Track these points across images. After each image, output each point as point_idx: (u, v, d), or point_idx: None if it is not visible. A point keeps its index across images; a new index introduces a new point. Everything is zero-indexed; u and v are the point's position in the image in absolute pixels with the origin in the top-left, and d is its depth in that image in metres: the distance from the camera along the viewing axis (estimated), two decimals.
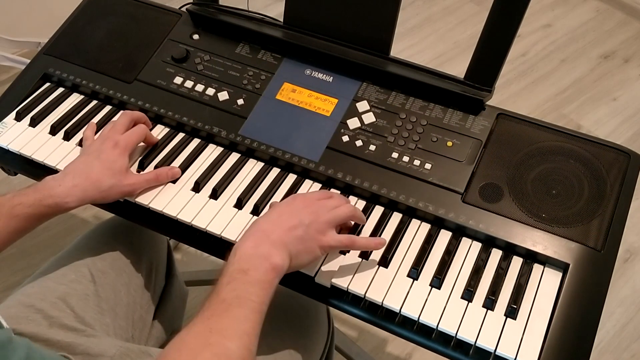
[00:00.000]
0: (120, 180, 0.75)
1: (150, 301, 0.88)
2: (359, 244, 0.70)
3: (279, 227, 0.65)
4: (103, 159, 0.75)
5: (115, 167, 0.75)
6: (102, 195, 0.74)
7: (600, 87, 1.97)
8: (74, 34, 0.97)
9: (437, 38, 2.14)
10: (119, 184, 0.75)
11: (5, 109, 0.91)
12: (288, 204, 0.68)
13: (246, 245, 0.63)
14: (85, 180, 0.73)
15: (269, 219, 0.67)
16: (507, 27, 0.77)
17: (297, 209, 0.67)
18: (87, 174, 0.73)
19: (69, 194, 0.72)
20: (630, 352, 1.37)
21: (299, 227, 0.65)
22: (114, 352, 0.71)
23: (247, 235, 0.65)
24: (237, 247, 0.63)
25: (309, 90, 0.87)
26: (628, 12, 2.23)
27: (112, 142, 0.77)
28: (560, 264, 0.71)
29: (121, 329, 0.80)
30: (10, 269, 1.47)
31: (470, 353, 0.67)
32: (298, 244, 0.65)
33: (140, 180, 0.77)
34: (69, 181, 0.72)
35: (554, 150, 0.78)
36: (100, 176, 0.74)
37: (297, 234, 0.65)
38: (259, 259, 0.62)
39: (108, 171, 0.74)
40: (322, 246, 0.67)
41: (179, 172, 0.81)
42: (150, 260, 0.91)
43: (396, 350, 1.36)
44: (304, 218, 0.66)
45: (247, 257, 0.62)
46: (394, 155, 0.80)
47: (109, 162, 0.75)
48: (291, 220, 0.66)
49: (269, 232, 0.64)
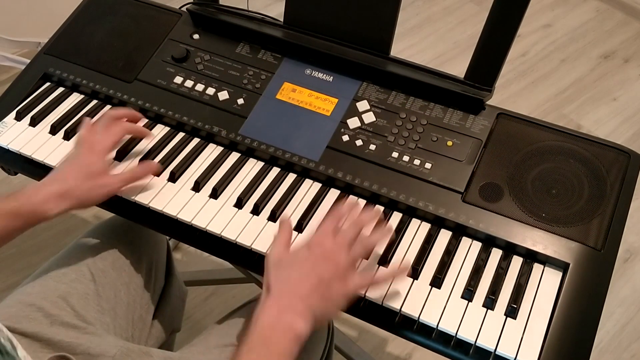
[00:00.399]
0: (96, 182, 0.74)
1: (150, 301, 0.88)
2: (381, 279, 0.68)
3: (300, 290, 0.62)
4: (79, 163, 0.74)
5: (91, 171, 0.74)
6: (80, 200, 0.73)
7: (600, 87, 1.97)
8: (74, 33, 0.97)
9: (437, 38, 2.14)
10: (95, 186, 0.74)
11: (5, 108, 0.91)
12: (306, 259, 0.65)
13: (269, 312, 0.61)
14: (62, 186, 0.72)
15: (289, 279, 0.63)
16: (507, 27, 0.77)
17: (316, 262, 0.64)
18: (63, 180, 0.73)
19: (47, 201, 0.70)
20: (630, 352, 1.37)
21: (320, 284, 0.62)
22: (115, 352, 0.71)
23: (270, 302, 0.62)
24: (259, 313, 0.61)
25: (309, 90, 0.87)
26: (628, 12, 2.23)
27: (88, 145, 0.76)
28: (561, 263, 0.71)
29: (121, 328, 0.80)
30: (10, 269, 1.47)
31: (470, 353, 0.67)
32: (321, 302, 0.62)
33: (116, 180, 0.76)
34: (46, 188, 0.71)
35: (554, 150, 0.78)
36: (77, 181, 0.73)
37: (320, 293, 0.62)
38: (283, 328, 0.59)
39: (83, 175, 0.73)
40: (345, 295, 0.64)
41: (157, 167, 0.80)
42: (151, 260, 0.91)
43: (396, 350, 1.36)
44: (324, 273, 0.63)
45: (271, 327, 0.59)
46: (394, 155, 0.80)
47: (85, 166, 0.74)
48: (311, 279, 0.63)
49: (291, 296, 0.62)
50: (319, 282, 0.63)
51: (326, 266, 0.64)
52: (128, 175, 0.78)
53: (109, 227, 0.89)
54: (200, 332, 0.82)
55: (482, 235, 0.74)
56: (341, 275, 0.64)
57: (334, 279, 0.63)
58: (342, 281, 0.64)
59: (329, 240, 0.66)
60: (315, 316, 0.62)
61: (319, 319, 0.62)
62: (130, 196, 0.79)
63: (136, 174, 0.78)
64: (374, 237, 0.69)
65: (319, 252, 0.65)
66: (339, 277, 0.64)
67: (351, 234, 0.67)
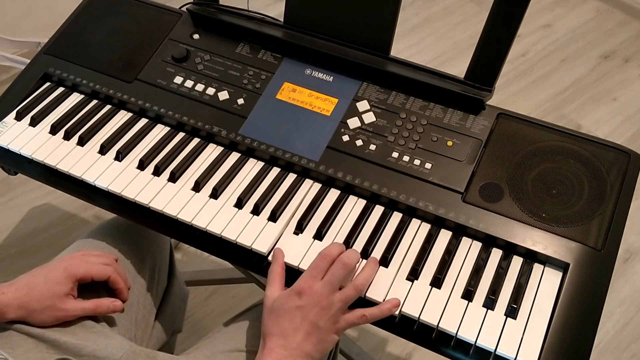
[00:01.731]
0: (56, 304, 0.72)
1: (153, 302, 0.88)
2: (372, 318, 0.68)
3: (295, 339, 0.64)
4: (49, 279, 0.73)
5: (55, 290, 0.72)
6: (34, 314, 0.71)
7: (600, 87, 1.97)
8: (74, 33, 0.97)
9: (437, 38, 2.14)
10: (54, 307, 0.72)
11: (5, 108, 0.91)
12: (298, 309, 0.66)
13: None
14: (25, 296, 0.71)
15: (283, 331, 0.65)
16: (507, 27, 0.77)
17: (307, 310, 0.65)
18: (28, 290, 0.71)
19: (8, 305, 0.70)
20: (630, 352, 1.37)
21: (314, 331, 0.65)
22: (121, 355, 0.71)
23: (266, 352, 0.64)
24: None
25: (309, 90, 0.87)
26: (628, 12, 2.23)
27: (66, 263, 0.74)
28: (561, 263, 0.71)
29: (124, 328, 0.80)
30: (10, 269, 1.47)
31: (470, 353, 0.67)
32: (317, 346, 0.65)
33: (76, 307, 0.73)
34: (12, 292, 0.70)
35: (554, 150, 0.78)
36: (39, 296, 0.71)
37: (315, 338, 0.65)
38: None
39: (47, 292, 0.71)
40: (338, 333, 0.67)
41: (120, 306, 0.77)
42: (154, 260, 0.91)
43: (396, 350, 1.36)
44: (316, 319, 0.65)
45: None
46: (394, 155, 0.80)
47: (52, 284, 0.72)
48: (305, 326, 0.65)
49: (288, 348, 0.64)
50: (312, 328, 0.65)
51: (317, 312, 0.65)
52: (91, 306, 0.74)
53: (113, 227, 0.89)
54: (200, 332, 0.82)
55: (482, 235, 0.74)
56: (333, 319, 0.66)
57: (327, 322, 0.65)
58: (334, 324, 0.66)
59: (317, 283, 0.66)
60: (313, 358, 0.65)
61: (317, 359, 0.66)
62: (131, 196, 0.79)
63: (99, 308, 0.75)
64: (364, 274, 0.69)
65: (309, 299, 0.66)
66: (330, 321, 0.66)
67: (339, 274, 0.67)
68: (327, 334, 0.66)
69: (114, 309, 0.77)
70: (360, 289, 0.68)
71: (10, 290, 0.71)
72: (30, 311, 0.71)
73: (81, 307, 0.74)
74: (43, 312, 0.71)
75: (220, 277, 1.39)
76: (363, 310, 0.67)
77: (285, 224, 0.77)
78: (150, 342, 0.88)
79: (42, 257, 1.48)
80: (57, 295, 0.72)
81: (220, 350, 0.75)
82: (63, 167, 0.83)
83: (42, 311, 0.71)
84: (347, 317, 0.67)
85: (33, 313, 0.71)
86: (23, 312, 0.70)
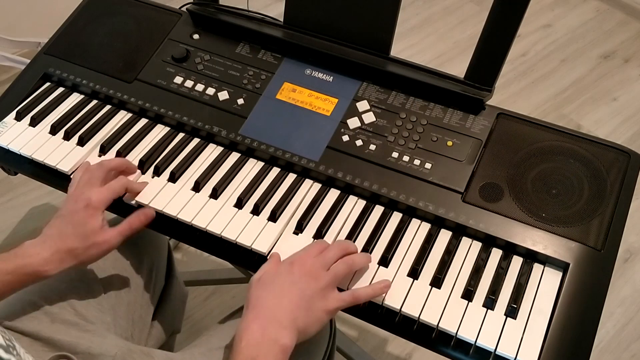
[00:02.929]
0: (94, 241, 0.72)
1: (150, 301, 0.88)
2: (363, 297, 0.68)
3: (282, 304, 0.63)
4: (75, 223, 0.72)
5: (87, 230, 0.72)
6: (80, 259, 0.72)
7: (600, 87, 1.97)
8: (74, 33, 0.97)
9: (437, 38, 2.14)
10: (93, 245, 0.72)
11: (5, 108, 0.91)
12: (287, 274, 0.66)
13: (252, 329, 0.60)
14: (60, 248, 0.71)
15: (270, 294, 0.64)
16: (507, 27, 0.77)
17: (296, 278, 0.65)
18: (62, 241, 0.71)
19: (48, 262, 0.70)
20: (630, 352, 1.37)
21: (302, 299, 0.63)
22: (116, 352, 0.71)
23: (251, 317, 0.62)
24: (242, 331, 0.60)
25: (309, 90, 0.87)
26: (628, 12, 2.23)
27: (84, 202, 0.73)
28: (561, 263, 0.71)
29: (121, 328, 0.80)
30: None
31: (470, 352, 0.67)
32: (305, 317, 0.63)
33: (114, 235, 0.74)
34: (46, 250, 0.70)
35: (554, 150, 0.78)
36: (74, 243, 0.71)
37: (303, 307, 0.63)
38: (268, 344, 0.59)
39: (80, 236, 0.71)
40: (328, 312, 0.65)
41: (152, 214, 0.78)
42: (152, 260, 0.91)
43: (396, 350, 1.36)
44: (305, 288, 0.64)
45: (256, 344, 0.59)
46: (394, 155, 0.80)
47: (81, 226, 0.72)
48: (293, 293, 0.63)
49: (274, 311, 0.62)
50: (301, 297, 0.64)
51: (307, 282, 0.65)
52: (125, 227, 0.75)
53: None
54: (200, 332, 0.82)
55: (482, 235, 0.74)
56: (322, 292, 0.65)
57: (315, 295, 0.64)
58: (323, 298, 0.65)
59: (310, 259, 0.67)
60: (299, 328, 0.62)
61: (302, 333, 0.63)
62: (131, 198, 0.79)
63: (133, 224, 0.76)
64: (357, 257, 0.70)
65: (300, 269, 0.66)
66: (319, 294, 0.65)
67: (333, 255, 0.68)
68: (316, 309, 0.64)
69: (146, 218, 0.77)
70: (350, 265, 0.68)
71: (44, 249, 0.70)
72: (75, 256, 0.71)
73: (117, 232, 0.74)
74: (88, 251, 0.72)
75: (220, 277, 1.39)
76: (354, 289, 0.68)
77: (285, 224, 0.77)
78: (149, 342, 0.88)
79: None
80: (93, 232, 0.72)
81: (216, 347, 0.76)
82: (63, 167, 0.83)
83: (87, 250, 0.72)
84: (337, 295, 0.66)
85: (79, 257, 0.71)
86: (67, 262, 0.71)
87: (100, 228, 0.73)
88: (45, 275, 0.70)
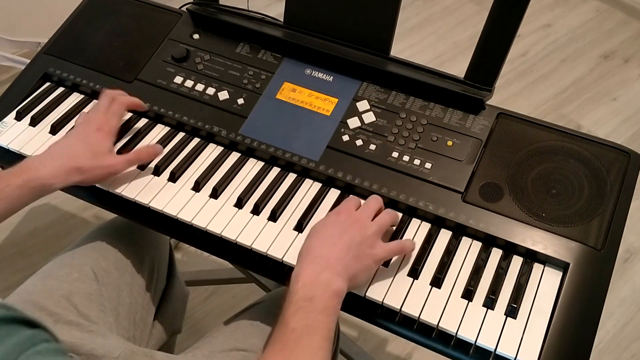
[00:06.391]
0: (102, 161, 0.76)
1: (151, 302, 0.88)
2: (407, 248, 0.71)
3: (333, 251, 0.65)
4: (87, 142, 0.77)
5: (98, 149, 0.77)
6: (85, 176, 0.75)
7: (600, 87, 1.97)
8: (74, 33, 0.97)
9: (437, 38, 2.14)
10: (101, 165, 0.76)
11: (5, 108, 0.91)
12: (335, 223, 0.68)
13: (307, 272, 0.63)
14: (68, 162, 0.74)
15: (322, 242, 0.66)
16: (507, 27, 0.77)
17: (345, 227, 0.67)
18: (70, 156, 0.75)
19: (54, 175, 0.73)
20: (630, 352, 1.37)
21: (352, 246, 0.66)
22: (119, 354, 0.71)
23: (305, 262, 0.64)
24: (297, 275, 0.63)
25: (309, 90, 0.87)
26: (628, 12, 2.23)
27: (96, 124, 0.78)
28: (561, 263, 0.71)
29: (123, 328, 0.80)
30: (10, 269, 1.47)
31: (470, 352, 0.67)
32: (355, 263, 0.65)
33: (121, 161, 0.78)
34: (53, 162, 0.73)
35: (554, 149, 0.78)
36: (83, 158, 0.75)
37: (352, 254, 0.65)
38: (322, 286, 0.62)
39: (91, 153, 0.76)
40: (376, 260, 0.68)
41: (160, 149, 0.82)
42: (153, 260, 0.91)
43: (396, 350, 1.36)
44: (354, 236, 0.66)
45: (311, 285, 0.61)
46: (394, 155, 0.80)
47: (92, 145, 0.76)
48: (343, 241, 0.66)
49: (327, 257, 0.64)
50: (350, 244, 0.66)
51: (355, 230, 0.67)
52: (133, 157, 0.79)
53: (112, 228, 0.89)
54: (200, 332, 0.82)
55: (482, 235, 0.74)
56: (369, 241, 0.67)
57: (363, 243, 0.67)
58: (371, 247, 0.67)
59: (354, 210, 0.70)
60: (350, 276, 0.64)
61: (353, 280, 0.65)
62: (131, 196, 0.79)
63: (141, 156, 0.80)
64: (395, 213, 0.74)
65: (347, 218, 0.69)
66: (367, 242, 0.67)
67: (374, 207, 0.72)
68: (365, 256, 0.66)
69: (155, 153, 0.82)
70: (393, 217, 0.72)
71: (51, 162, 0.73)
72: (81, 173, 0.74)
73: (125, 159, 0.78)
74: (94, 170, 0.75)
75: (220, 277, 1.39)
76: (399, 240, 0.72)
77: (285, 223, 0.77)
78: (150, 343, 0.88)
79: (42, 257, 1.48)
80: (103, 153, 0.77)
81: (219, 350, 0.75)
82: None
83: (93, 170, 0.75)
84: (384, 245, 0.69)
85: (85, 174, 0.75)
86: (72, 177, 0.74)
87: (110, 151, 0.78)
88: (52, 188, 0.73)
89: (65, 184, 0.74)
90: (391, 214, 0.73)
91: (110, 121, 0.80)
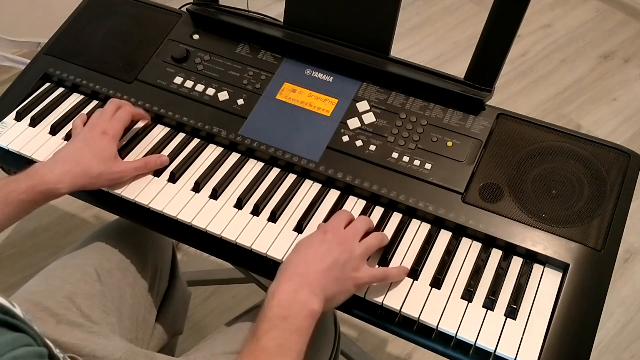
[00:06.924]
0: (110, 167, 0.77)
1: (153, 303, 0.88)
2: (392, 276, 0.69)
3: (315, 269, 0.63)
4: (93, 147, 0.77)
5: (105, 155, 0.77)
6: (91, 181, 0.76)
7: (600, 87, 1.97)
8: (74, 34, 0.97)
9: (437, 38, 2.14)
10: (108, 170, 0.77)
11: (5, 109, 0.91)
12: (322, 242, 0.67)
13: (284, 289, 0.61)
14: (75, 167, 0.74)
15: (304, 260, 0.65)
16: (507, 27, 0.77)
17: (331, 246, 0.66)
18: (77, 161, 0.75)
19: (60, 181, 0.73)
20: (630, 352, 1.37)
21: (334, 267, 0.64)
22: (120, 355, 0.71)
23: (284, 279, 0.63)
24: (274, 291, 0.61)
25: (309, 90, 0.87)
26: (628, 12, 2.23)
27: (101, 129, 0.79)
28: (560, 264, 0.71)
29: (126, 329, 0.80)
30: (10, 269, 1.47)
31: (470, 353, 0.67)
32: (335, 285, 0.64)
33: (128, 168, 0.79)
34: (59, 168, 0.74)
35: (554, 150, 0.78)
36: (90, 163, 0.76)
37: (334, 276, 0.64)
38: (298, 305, 0.60)
39: (97, 158, 0.76)
40: (357, 284, 0.66)
41: (167, 160, 0.82)
42: (156, 262, 0.91)
43: (396, 350, 1.36)
44: (339, 257, 0.65)
45: (287, 303, 0.60)
46: (394, 155, 0.80)
47: (99, 150, 0.77)
48: (326, 260, 0.64)
49: (306, 275, 0.63)
50: (333, 265, 0.64)
51: (340, 251, 0.66)
52: (141, 164, 0.80)
53: (115, 229, 0.89)
54: (200, 332, 0.82)
55: (482, 236, 0.74)
56: (354, 263, 0.66)
57: (347, 265, 0.65)
58: (354, 269, 0.66)
59: (342, 228, 0.69)
60: (327, 297, 0.63)
61: (330, 301, 0.64)
62: (131, 197, 0.79)
63: (148, 164, 0.81)
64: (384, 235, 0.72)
65: (333, 237, 0.67)
66: (351, 265, 0.66)
67: (363, 227, 0.70)
68: (347, 279, 0.65)
69: (162, 162, 0.82)
70: (380, 240, 0.70)
71: (57, 167, 0.74)
72: (89, 178, 0.75)
73: (133, 167, 0.80)
74: (101, 176, 0.76)
75: (220, 277, 1.39)
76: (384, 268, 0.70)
77: (285, 224, 0.77)
78: (151, 344, 0.88)
79: (42, 257, 1.48)
80: (109, 159, 0.77)
81: (220, 352, 0.75)
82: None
83: (100, 175, 0.76)
84: (368, 269, 0.67)
85: (92, 179, 0.76)
86: (81, 181, 0.75)
87: (116, 156, 0.79)
88: (58, 194, 0.73)
89: (71, 189, 0.74)
90: (379, 237, 0.71)
91: (115, 126, 0.81)
